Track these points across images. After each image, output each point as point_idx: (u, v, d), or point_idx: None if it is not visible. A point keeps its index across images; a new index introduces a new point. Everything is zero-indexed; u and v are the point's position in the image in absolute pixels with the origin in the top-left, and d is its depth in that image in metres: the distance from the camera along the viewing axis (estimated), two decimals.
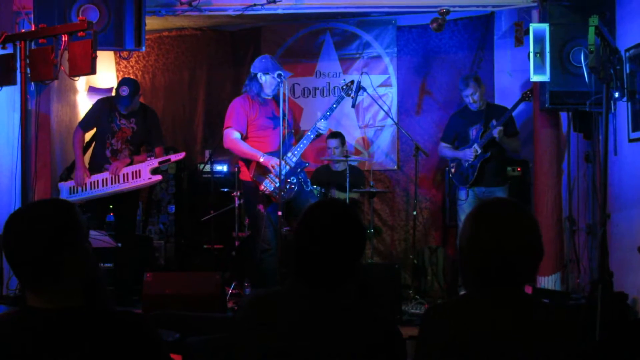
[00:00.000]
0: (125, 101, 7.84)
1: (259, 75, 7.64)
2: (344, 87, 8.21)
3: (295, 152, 7.67)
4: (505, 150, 8.33)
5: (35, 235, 2.53)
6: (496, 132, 8.05)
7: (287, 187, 7.50)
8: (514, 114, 8.35)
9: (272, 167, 7.39)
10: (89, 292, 2.62)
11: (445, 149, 8.68)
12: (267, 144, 7.61)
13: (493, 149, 8.17)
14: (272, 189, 7.42)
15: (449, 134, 8.70)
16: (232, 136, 7.57)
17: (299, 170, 7.70)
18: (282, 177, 7.29)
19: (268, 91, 7.67)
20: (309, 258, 2.81)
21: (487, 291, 2.73)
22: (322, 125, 7.83)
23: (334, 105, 7.98)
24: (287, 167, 7.51)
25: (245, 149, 7.55)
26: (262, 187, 7.45)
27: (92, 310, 2.56)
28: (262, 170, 7.48)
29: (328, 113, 7.89)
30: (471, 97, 8.36)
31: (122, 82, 8.02)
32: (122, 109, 7.94)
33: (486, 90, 9.09)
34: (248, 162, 7.59)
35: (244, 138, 7.63)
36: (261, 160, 7.45)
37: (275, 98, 7.74)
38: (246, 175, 7.61)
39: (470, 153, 8.23)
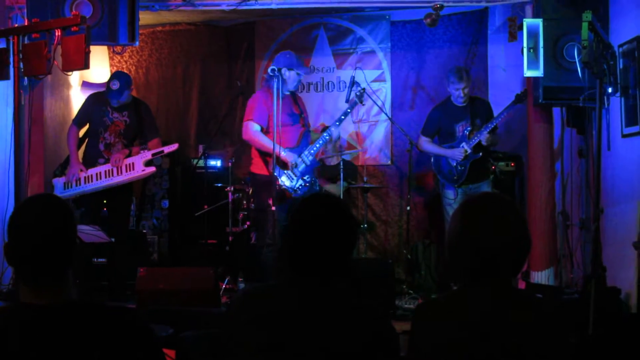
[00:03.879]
0: (116, 94, 7.83)
1: (283, 71, 7.68)
2: (358, 93, 8.11)
3: (312, 151, 7.72)
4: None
5: (43, 230, 2.54)
6: (484, 139, 8.02)
7: (302, 184, 7.56)
8: (509, 115, 8.32)
9: (293, 164, 7.48)
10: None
11: (429, 145, 8.49)
12: (285, 140, 7.66)
13: (483, 149, 8.14)
14: (289, 185, 7.48)
15: (430, 127, 8.53)
16: (253, 128, 7.62)
17: (313, 168, 7.77)
18: (299, 175, 7.52)
19: (291, 87, 7.76)
20: (302, 250, 2.82)
21: (477, 285, 2.74)
22: (334, 129, 7.89)
23: (348, 110, 8.01)
24: (304, 164, 7.59)
25: (265, 143, 7.57)
26: (280, 182, 7.50)
27: (86, 305, 2.57)
28: (281, 166, 7.53)
29: (343, 117, 7.93)
30: (462, 90, 8.21)
31: (113, 76, 8.02)
32: (113, 103, 7.92)
33: (480, 85, 9.11)
34: (264, 155, 7.60)
35: (265, 132, 7.66)
36: (282, 154, 7.51)
37: (293, 94, 7.85)
38: (259, 167, 7.65)
39: (460, 154, 8.16)
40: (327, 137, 7.86)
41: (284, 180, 7.52)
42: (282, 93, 7.71)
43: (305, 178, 7.63)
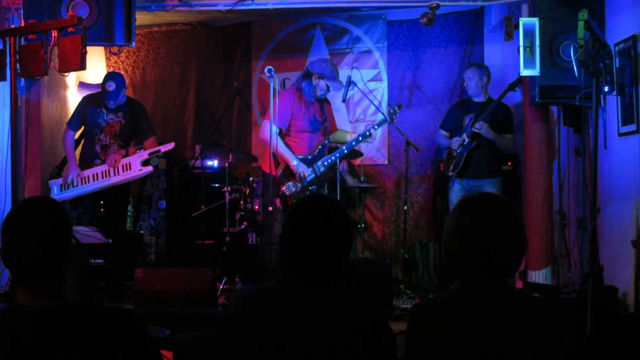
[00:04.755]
0: (112, 95, 7.85)
1: (313, 77, 7.71)
2: (390, 110, 8.13)
3: (325, 163, 7.73)
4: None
5: (38, 233, 2.55)
6: (478, 125, 8.04)
7: (307, 193, 7.57)
8: (513, 111, 8.38)
9: (302, 176, 7.50)
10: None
11: (440, 137, 8.72)
12: (303, 146, 7.73)
13: (480, 139, 8.15)
14: (293, 191, 7.52)
15: (446, 122, 8.68)
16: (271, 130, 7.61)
17: (324, 181, 7.77)
18: (305, 184, 7.62)
19: (319, 93, 7.80)
20: (298, 252, 2.83)
21: (472, 285, 2.75)
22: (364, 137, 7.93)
23: (376, 127, 8.01)
24: (314, 174, 7.62)
25: (280, 150, 7.62)
26: (284, 188, 7.55)
27: (83, 306, 2.57)
28: (289, 172, 7.55)
29: (368, 133, 7.90)
30: (467, 81, 8.39)
31: (108, 77, 8.02)
32: (110, 104, 7.92)
33: None
34: (275, 156, 7.63)
35: (283, 134, 7.70)
36: (293, 163, 7.54)
37: (321, 100, 7.90)
38: (269, 167, 7.66)
39: (456, 141, 8.25)
40: (346, 151, 7.86)
41: (289, 187, 7.57)
42: (310, 98, 7.74)
43: (310, 189, 7.63)
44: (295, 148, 7.72)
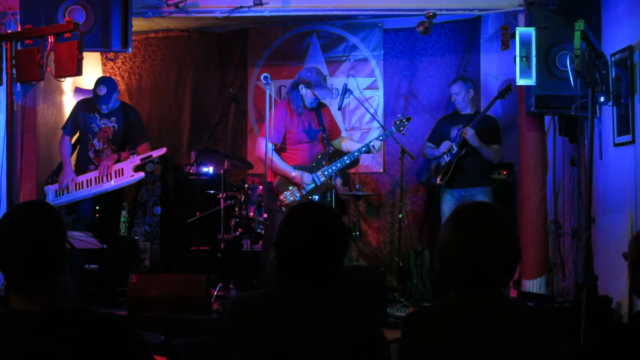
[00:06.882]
0: (104, 100, 7.82)
1: (300, 87, 7.68)
2: (397, 121, 8.14)
3: (325, 173, 7.72)
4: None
5: (32, 237, 2.54)
6: (465, 131, 8.06)
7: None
8: (501, 123, 8.40)
9: (303, 184, 7.56)
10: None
11: (427, 148, 8.76)
12: (302, 157, 7.75)
13: (468, 147, 8.17)
14: (291, 200, 7.50)
15: (434, 135, 8.73)
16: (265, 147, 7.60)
17: (326, 192, 7.76)
18: (304, 193, 7.59)
19: (307, 103, 7.75)
20: (293, 258, 2.83)
21: (465, 294, 2.75)
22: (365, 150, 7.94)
23: (380, 138, 8.05)
24: (313, 184, 7.63)
25: (277, 165, 7.65)
26: (282, 197, 7.55)
27: (77, 312, 2.56)
28: (286, 181, 7.56)
29: (372, 144, 7.90)
30: (454, 96, 8.46)
31: (99, 82, 7.98)
32: (103, 109, 7.91)
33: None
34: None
35: (279, 149, 7.73)
36: (292, 174, 7.53)
37: (315, 109, 7.87)
38: (271, 176, 7.73)
39: (444, 145, 8.30)
40: (347, 162, 7.85)
41: (286, 196, 7.57)
42: (298, 109, 7.72)
43: (311, 197, 7.62)
44: (294, 160, 7.72)
